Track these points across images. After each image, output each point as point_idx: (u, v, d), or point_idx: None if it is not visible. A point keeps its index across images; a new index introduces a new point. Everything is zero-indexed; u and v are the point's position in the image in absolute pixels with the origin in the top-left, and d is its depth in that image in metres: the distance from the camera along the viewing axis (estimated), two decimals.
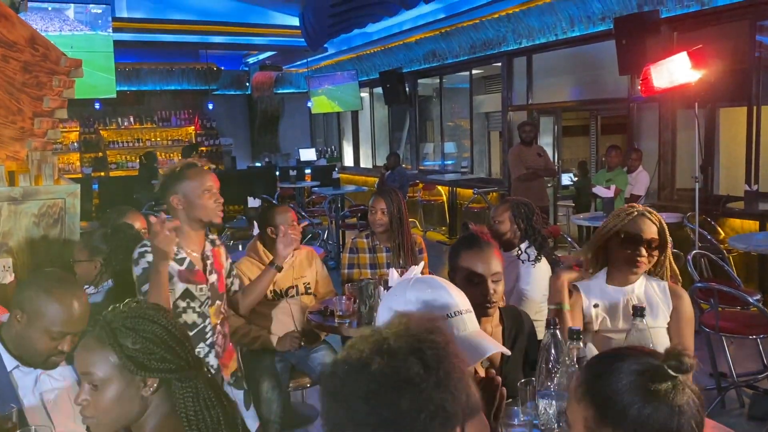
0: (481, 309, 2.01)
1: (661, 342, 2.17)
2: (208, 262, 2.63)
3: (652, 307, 2.22)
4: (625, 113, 7.91)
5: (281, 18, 12.22)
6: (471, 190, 9.87)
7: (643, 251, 2.17)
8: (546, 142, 9.40)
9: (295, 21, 11.99)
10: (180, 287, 2.55)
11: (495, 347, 1.36)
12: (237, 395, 2.77)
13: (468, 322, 1.35)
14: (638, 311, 1.78)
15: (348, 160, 15.45)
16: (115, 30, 10.78)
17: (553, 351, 1.61)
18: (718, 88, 5.97)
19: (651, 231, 2.20)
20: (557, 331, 1.64)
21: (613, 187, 6.36)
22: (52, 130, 3.48)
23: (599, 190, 6.25)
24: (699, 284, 4.01)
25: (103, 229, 2.94)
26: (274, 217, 3.47)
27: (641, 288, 2.25)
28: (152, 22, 11.48)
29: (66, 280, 2.04)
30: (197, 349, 2.55)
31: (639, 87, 5.89)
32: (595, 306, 2.25)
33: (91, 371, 1.39)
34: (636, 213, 2.23)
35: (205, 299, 2.60)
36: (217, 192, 2.57)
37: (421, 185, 11.40)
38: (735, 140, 6.75)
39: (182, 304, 2.56)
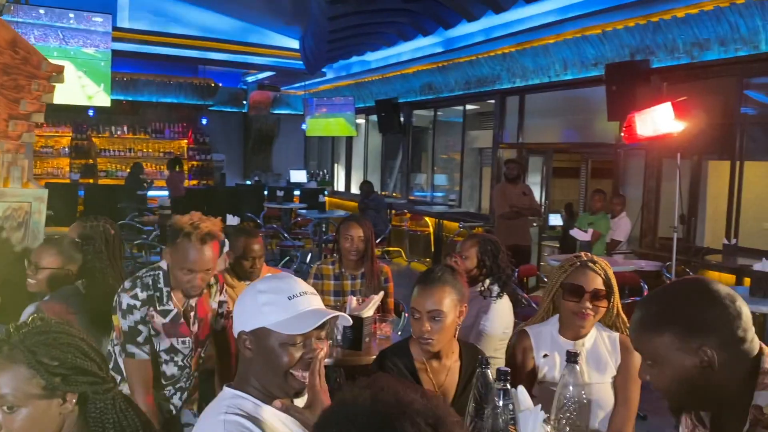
0: (419, 343, 2.05)
1: (603, 398, 2.13)
2: (192, 313, 2.54)
3: (599, 362, 2.16)
4: (613, 159, 7.97)
5: (282, 40, 12.35)
6: (457, 224, 9.88)
7: (587, 303, 2.11)
8: (534, 181, 9.44)
9: (295, 44, 12.14)
10: (165, 343, 2.47)
11: (335, 314, 1.47)
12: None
13: (311, 301, 1.48)
14: (572, 357, 1.76)
15: (340, 185, 15.48)
16: (116, 40, 10.87)
17: (482, 390, 1.59)
18: (702, 141, 6.03)
19: (595, 282, 2.12)
20: (488, 371, 1.62)
21: (590, 230, 6.37)
22: (27, 133, 3.48)
23: (576, 233, 6.26)
24: None
25: (70, 238, 2.89)
26: (245, 248, 3.39)
27: (591, 341, 2.19)
28: (153, 34, 11.57)
29: None
30: (164, 391, 2.53)
31: (622, 133, 5.94)
32: (545, 356, 2.19)
33: (3, 393, 1.31)
34: (579, 264, 2.16)
35: (188, 352, 2.53)
36: (201, 274, 2.39)
37: (408, 215, 11.41)
38: (722, 193, 6.80)
39: (165, 357, 2.50)
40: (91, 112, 13.67)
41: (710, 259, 6.42)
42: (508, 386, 1.55)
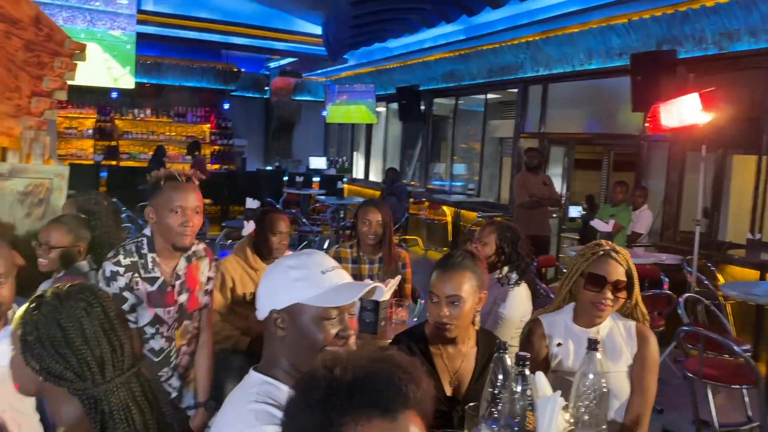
0: (434, 328, 2.01)
1: (619, 387, 2.10)
2: (178, 282, 2.45)
3: (615, 350, 2.13)
4: (636, 151, 7.86)
5: (304, 26, 12.32)
6: (475, 213, 9.82)
7: (608, 294, 2.07)
8: (555, 172, 9.35)
9: (317, 30, 12.10)
10: (148, 314, 2.39)
11: (373, 285, 1.46)
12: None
13: (343, 275, 1.46)
14: (592, 344, 1.72)
15: (359, 173, 15.48)
16: (140, 22, 10.92)
17: (500, 376, 1.56)
18: (727, 134, 5.92)
19: (617, 272, 2.08)
20: (506, 356, 1.59)
21: (611, 221, 6.30)
22: (49, 110, 3.50)
23: (597, 224, 6.20)
24: (685, 328, 3.92)
25: (75, 214, 2.90)
26: (273, 223, 3.41)
27: (606, 330, 2.15)
28: (177, 18, 11.60)
29: None
30: (160, 373, 2.45)
31: (647, 124, 5.84)
32: (558, 345, 2.16)
33: None
34: (602, 252, 2.11)
35: (173, 322, 2.46)
36: (191, 213, 2.33)
37: (426, 204, 11.37)
38: (747, 188, 6.68)
39: (150, 330, 2.42)
40: (114, 95, 13.78)
41: (733, 253, 6.32)
42: (527, 371, 1.52)
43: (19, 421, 1.81)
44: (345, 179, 14.38)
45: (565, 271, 2.28)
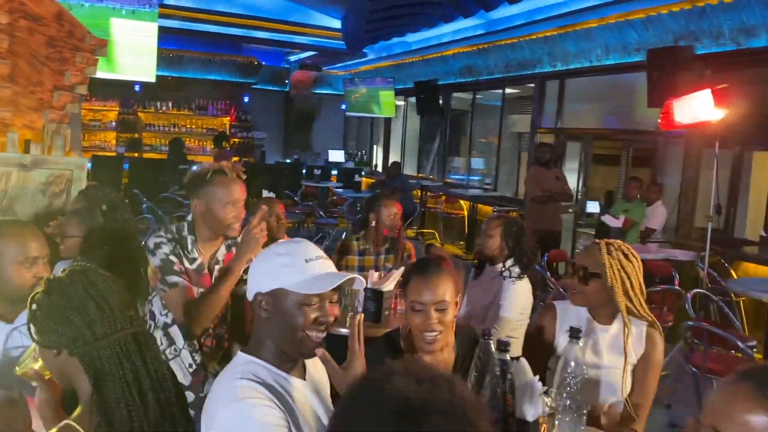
0: (421, 339, 1.90)
1: (616, 382, 2.17)
2: (217, 267, 2.52)
3: (621, 348, 2.19)
4: (653, 146, 7.84)
5: (324, 19, 12.39)
6: (491, 208, 9.85)
7: (573, 278, 2.18)
8: (572, 167, 9.34)
9: (337, 23, 12.16)
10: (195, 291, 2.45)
11: (350, 276, 1.53)
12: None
13: (327, 265, 1.54)
14: (574, 332, 1.79)
15: (378, 166, 15.56)
16: (162, 16, 11.05)
17: (483, 359, 1.64)
18: (745, 131, 5.89)
19: (584, 259, 2.19)
20: (490, 342, 1.67)
21: (621, 217, 6.31)
22: (71, 104, 3.63)
23: (608, 219, 6.23)
24: (690, 323, 3.96)
25: (95, 205, 3.00)
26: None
27: (617, 327, 2.22)
28: (199, 11, 11.74)
29: (6, 220, 2.32)
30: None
31: (659, 120, 5.84)
32: (567, 331, 2.23)
33: None
34: (589, 245, 2.26)
35: None
36: (241, 206, 2.46)
37: (443, 197, 11.42)
38: (766, 185, 6.64)
39: None
40: (137, 88, 14.00)
41: (747, 250, 6.30)
42: (508, 357, 1.59)
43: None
44: (363, 172, 14.47)
45: None
